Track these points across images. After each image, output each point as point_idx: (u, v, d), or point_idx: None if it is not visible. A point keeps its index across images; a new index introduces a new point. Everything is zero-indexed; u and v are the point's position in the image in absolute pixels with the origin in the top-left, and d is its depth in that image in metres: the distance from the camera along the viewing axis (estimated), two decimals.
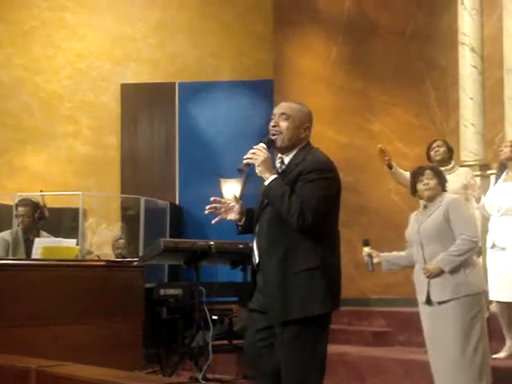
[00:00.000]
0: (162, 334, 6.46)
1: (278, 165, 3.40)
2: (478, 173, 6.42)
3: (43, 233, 6.03)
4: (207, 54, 10.73)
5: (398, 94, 9.22)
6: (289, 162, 3.35)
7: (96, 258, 7.39)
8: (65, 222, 9.39)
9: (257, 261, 3.35)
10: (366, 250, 4.43)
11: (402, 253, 4.63)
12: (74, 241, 6.00)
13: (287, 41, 9.65)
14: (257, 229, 3.36)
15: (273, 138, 3.35)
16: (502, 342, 5.49)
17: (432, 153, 5.87)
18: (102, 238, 9.62)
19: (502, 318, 5.42)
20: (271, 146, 3.35)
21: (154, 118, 10.90)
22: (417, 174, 4.50)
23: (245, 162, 3.32)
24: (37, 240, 5.65)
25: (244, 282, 6.61)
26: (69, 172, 10.58)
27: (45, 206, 6.08)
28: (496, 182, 5.54)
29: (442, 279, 4.32)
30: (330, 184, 3.29)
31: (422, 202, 4.64)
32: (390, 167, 5.80)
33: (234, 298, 6.71)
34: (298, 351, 3.21)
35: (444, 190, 4.49)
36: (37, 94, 10.77)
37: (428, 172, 4.46)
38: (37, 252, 5.48)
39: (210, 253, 6.24)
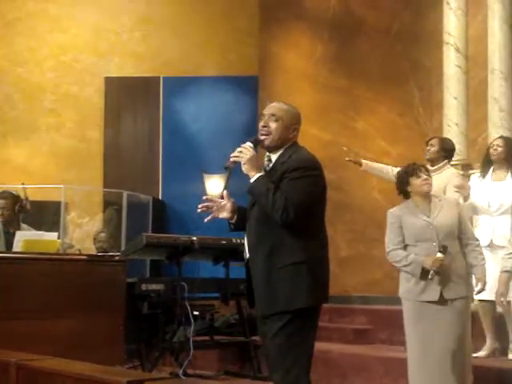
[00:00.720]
0: (142, 329, 6.44)
1: (265, 163, 3.47)
2: (461, 172, 6.43)
3: (23, 225, 5.99)
4: (192, 49, 10.70)
5: (382, 92, 9.25)
6: (275, 161, 3.43)
7: (77, 252, 7.34)
8: (46, 215, 9.33)
9: (247, 256, 3.46)
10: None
11: None
12: (56, 234, 5.95)
13: (272, 37, 9.64)
14: (247, 226, 3.46)
15: (261, 138, 3.43)
16: (482, 340, 5.51)
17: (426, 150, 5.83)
18: (83, 232, 9.57)
19: (486, 316, 5.44)
20: (258, 145, 3.44)
21: (138, 112, 10.86)
22: (414, 170, 4.46)
23: (231, 159, 3.41)
24: (18, 233, 5.60)
25: (226, 277, 6.60)
26: (51, 165, 10.52)
27: (27, 198, 6.04)
28: (483, 179, 5.54)
29: (454, 277, 4.29)
30: (315, 181, 3.38)
31: (411, 200, 4.53)
32: (360, 165, 5.81)
33: (216, 294, 6.69)
34: (284, 343, 3.28)
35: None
36: (19, 86, 10.69)
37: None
38: (18, 245, 5.43)
39: (192, 248, 6.23)
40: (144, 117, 10.83)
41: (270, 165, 3.45)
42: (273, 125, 3.43)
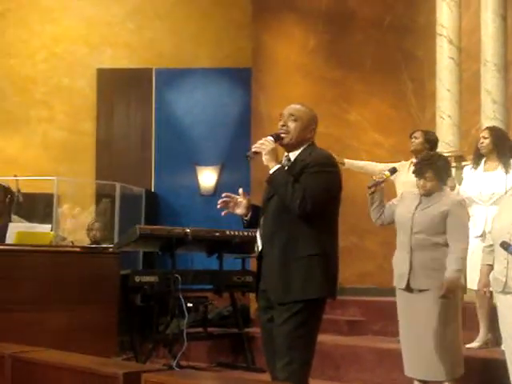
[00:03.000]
0: (136, 321, 6.45)
1: (284, 162, 3.60)
2: (454, 164, 6.45)
3: (15, 217, 5.97)
4: (185, 41, 10.66)
5: (375, 84, 9.25)
6: (295, 159, 3.58)
7: (70, 245, 7.33)
8: (39, 207, 9.30)
9: (260, 248, 3.56)
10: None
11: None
12: (49, 226, 5.94)
13: (266, 29, 9.62)
14: (262, 219, 3.58)
15: (282, 134, 3.58)
16: (476, 331, 5.53)
17: (410, 143, 5.90)
18: (76, 224, 9.55)
19: (482, 307, 5.45)
20: (278, 140, 3.57)
21: (131, 104, 10.82)
22: (418, 173, 4.51)
23: (253, 149, 3.54)
24: (11, 225, 5.59)
25: (220, 269, 6.60)
26: (43, 157, 10.48)
27: (19, 190, 6.02)
28: (475, 170, 5.55)
29: (424, 268, 4.35)
30: (333, 178, 3.54)
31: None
32: (343, 164, 5.85)
33: (210, 286, 6.69)
34: (292, 331, 3.39)
35: (445, 184, 4.55)
36: (11, 78, 10.63)
37: (429, 175, 4.46)
38: (11, 237, 5.41)
39: (186, 240, 6.23)
40: (137, 109, 10.80)
41: (289, 164, 3.58)
42: (291, 124, 3.58)
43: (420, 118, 9.05)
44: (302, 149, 3.60)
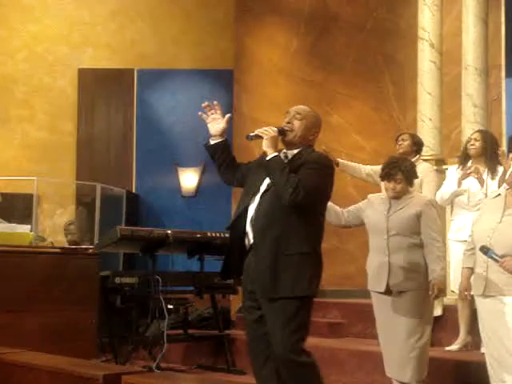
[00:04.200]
0: (116, 322, 6.41)
1: (282, 155, 3.67)
2: (435, 167, 6.47)
3: None
4: (167, 41, 10.63)
5: (357, 87, 9.28)
6: (292, 157, 3.66)
7: (50, 245, 7.28)
8: (18, 207, 9.23)
9: (251, 242, 3.60)
10: None
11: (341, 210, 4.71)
12: (28, 227, 5.91)
13: (248, 30, 9.62)
14: (253, 213, 3.60)
15: (286, 130, 3.66)
16: (455, 334, 5.56)
17: (397, 146, 5.91)
18: (56, 225, 9.49)
19: (462, 310, 5.47)
20: (282, 134, 3.66)
21: (112, 105, 10.77)
22: (387, 175, 4.53)
23: (255, 132, 3.63)
24: None
25: (200, 271, 6.58)
26: (23, 157, 10.40)
27: None
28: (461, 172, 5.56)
29: (403, 270, 4.37)
30: (328, 178, 3.67)
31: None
32: (337, 165, 5.84)
33: (190, 288, 6.67)
34: (284, 324, 3.51)
35: (411, 186, 4.59)
36: None
37: (398, 177, 4.50)
38: None
39: (166, 242, 6.21)
40: (118, 109, 10.75)
41: (286, 161, 3.64)
42: (297, 123, 3.68)
43: (401, 121, 9.09)
44: (300, 149, 3.67)
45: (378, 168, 5.87)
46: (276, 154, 3.57)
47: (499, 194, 4.13)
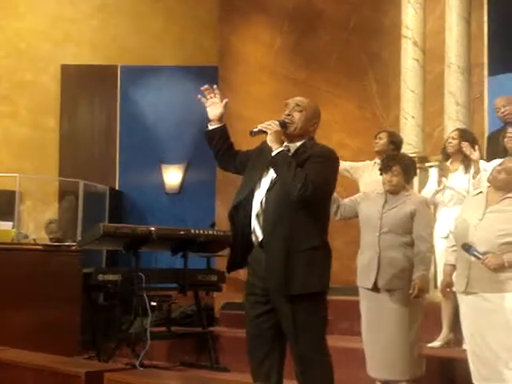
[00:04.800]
0: (99, 319, 6.39)
1: (284, 149, 3.61)
2: (418, 165, 6.50)
3: None
4: (150, 38, 10.60)
5: (340, 84, 9.29)
6: (295, 150, 3.60)
7: (32, 242, 7.25)
8: (0, 204, 9.18)
9: (260, 238, 3.53)
10: None
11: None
12: (10, 224, 5.89)
13: (232, 28, 9.60)
14: (259, 209, 3.54)
15: (287, 123, 3.61)
16: (438, 331, 5.58)
17: (374, 143, 5.95)
18: (38, 222, 9.45)
19: (447, 306, 5.50)
20: (283, 127, 3.59)
21: (95, 101, 10.73)
22: (385, 168, 4.53)
23: (258, 127, 3.57)
24: None
25: (184, 268, 6.58)
26: (5, 153, 10.33)
27: None
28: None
29: (393, 268, 4.37)
30: (334, 170, 3.64)
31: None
32: None
33: (174, 285, 6.67)
34: (304, 321, 3.48)
35: (409, 183, 4.59)
36: None
37: (395, 169, 4.48)
38: None
39: (150, 239, 6.19)
40: (101, 105, 10.71)
41: (289, 154, 3.59)
42: (297, 114, 3.62)
43: (384, 119, 9.12)
44: (302, 142, 3.63)
45: (356, 164, 5.92)
46: (281, 148, 3.51)
47: (481, 192, 4.16)
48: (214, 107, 3.79)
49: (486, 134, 7.00)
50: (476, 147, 5.43)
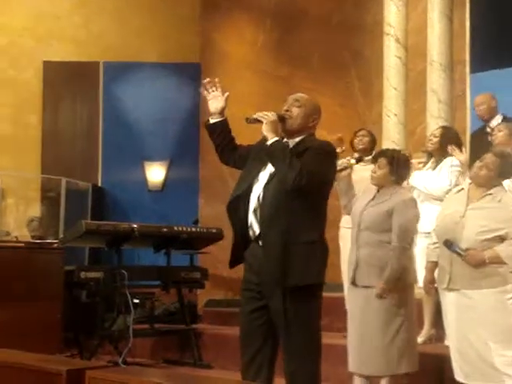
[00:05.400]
0: (81, 317, 6.37)
1: None
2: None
3: None
4: (132, 35, 10.55)
5: (323, 82, 9.30)
6: (294, 146, 3.56)
7: (14, 240, 7.21)
8: None
9: (257, 232, 3.52)
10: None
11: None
12: None
13: (214, 24, 9.59)
14: (256, 203, 3.52)
15: (286, 116, 3.58)
16: (419, 327, 5.60)
17: (356, 140, 5.97)
18: (20, 219, 9.40)
19: (427, 303, 5.52)
20: (281, 120, 3.58)
21: (77, 98, 10.67)
22: (374, 160, 4.55)
23: (255, 116, 3.56)
24: None
25: (167, 265, 6.57)
26: None
27: None
28: (423, 167, 5.64)
29: (369, 265, 4.37)
30: (331, 163, 3.65)
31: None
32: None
33: (157, 282, 6.65)
34: (297, 316, 3.49)
35: (397, 182, 4.45)
36: None
37: (381, 161, 4.42)
38: None
39: (132, 236, 6.18)
40: (84, 102, 10.65)
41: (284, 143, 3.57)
42: (295, 110, 3.61)
43: (367, 117, 9.14)
44: (301, 138, 3.59)
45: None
46: (277, 138, 3.47)
47: (462, 189, 4.18)
48: (215, 100, 3.76)
49: (468, 132, 7.04)
50: (463, 149, 5.46)
